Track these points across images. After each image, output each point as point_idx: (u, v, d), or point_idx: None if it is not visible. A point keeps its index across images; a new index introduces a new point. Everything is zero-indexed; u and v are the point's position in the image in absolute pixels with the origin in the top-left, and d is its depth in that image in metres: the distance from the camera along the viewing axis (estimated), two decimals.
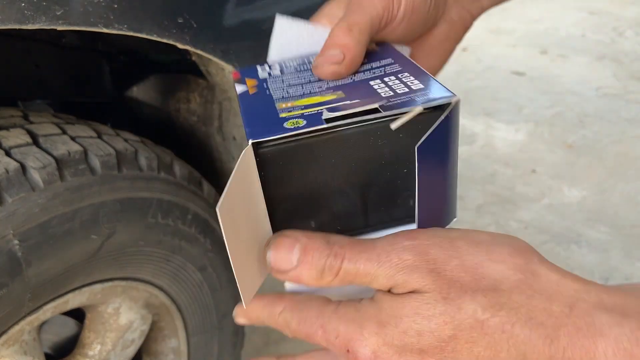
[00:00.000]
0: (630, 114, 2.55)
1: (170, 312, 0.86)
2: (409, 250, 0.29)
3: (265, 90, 0.38)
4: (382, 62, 0.39)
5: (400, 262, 0.29)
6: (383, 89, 0.34)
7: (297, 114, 0.32)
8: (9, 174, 0.58)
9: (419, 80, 0.34)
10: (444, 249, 0.29)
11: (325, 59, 0.38)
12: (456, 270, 0.28)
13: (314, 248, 0.31)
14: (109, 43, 1.00)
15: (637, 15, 3.71)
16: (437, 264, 0.29)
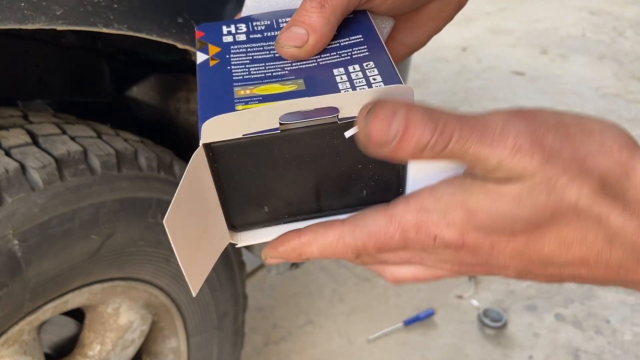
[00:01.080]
0: (630, 114, 2.55)
1: (170, 312, 0.86)
2: (525, 134, 0.28)
3: (226, 62, 0.36)
4: (351, 40, 0.37)
5: (515, 147, 0.27)
6: (344, 83, 0.33)
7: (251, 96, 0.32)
8: (8, 174, 0.58)
9: (382, 74, 0.33)
10: (559, 136, 0.28)
11: (287, 37, 0.35)
12: (568, 160, 0.28)
13: (418, 121, 0.28)
14: (109, 43, 1.00)
15: (637, 15, 3.71)
16: (552, 154, 0.28)
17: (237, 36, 0.38)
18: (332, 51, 0.36)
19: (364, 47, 0.36)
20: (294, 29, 0.35)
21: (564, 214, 0.28)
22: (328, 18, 0.35)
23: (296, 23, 0.35)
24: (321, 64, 0.35)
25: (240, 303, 0.98)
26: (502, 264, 0.31)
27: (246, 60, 0.36)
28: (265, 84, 0.33)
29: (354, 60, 0.35)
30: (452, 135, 0.28)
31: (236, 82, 0.34)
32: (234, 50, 0.37)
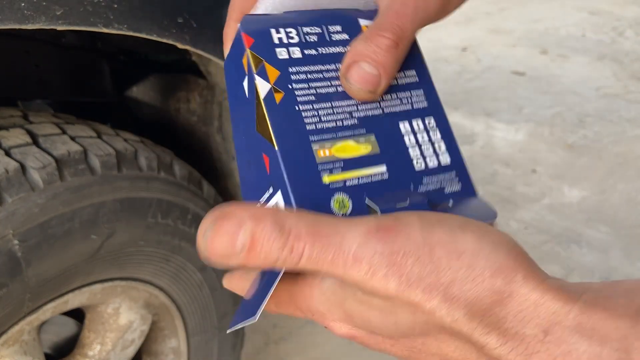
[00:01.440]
0: (630, 114, 2.55)
1: (170, 312, 0.86)
2: (380, 258, 0.26)
3: (292, 97, 0.32)
4: (407, 77, 0.36)
5: (369, 271, 0.26)
6: (415, 151, 0.34)
7: (339, 183, 0.31)
8: (8, 174, 0.58)
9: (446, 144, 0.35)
10: (420, 261, 0.26)
11: (359, 77, 0.32)
12: (429, 287, 0.26)
13: (265, 236, 0.26)
14: (109, 43, 1.00)
15: (637, 15, 3.71)
16: (411, 279, 0.26)
17: (292, 50, 0.34)
18: (392, 92, 0.35)
19: (421, 92, 0.36)
20: (365, 66, 0.32)
21: (437, 332, 0.27)
22: (399, 58, 0.32)
23: (367, 59, 0.32)
24: (386, 113, 0.34)
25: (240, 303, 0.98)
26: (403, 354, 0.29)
27: (311, 96, 0.33)
28: (340, 140, 0.32)
29: (416, 112, 0.35)
30: (302, 254, 0.26)
31: (311, 134, 0.32)
32: (294, 77, 0.33)
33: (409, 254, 0.26)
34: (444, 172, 0.34)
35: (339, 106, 0.33)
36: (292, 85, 0.33)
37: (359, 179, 0.32)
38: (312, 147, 0.31)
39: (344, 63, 0.33)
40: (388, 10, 0.33)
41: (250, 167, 0.34)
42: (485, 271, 0.26)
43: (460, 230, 0.27)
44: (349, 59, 0.32)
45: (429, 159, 0.34)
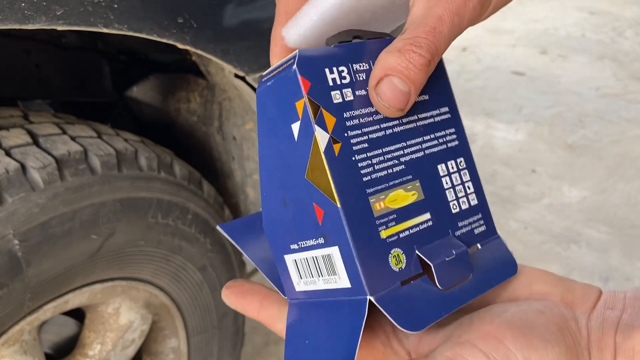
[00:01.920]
0: (630, 114, 2.55)
1: (171, 312, 0.86)
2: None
3: (348, 147, 0.31)
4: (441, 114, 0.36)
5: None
6: (451, 193, 0.35)
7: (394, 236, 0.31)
8: (9, 174, 0.58)
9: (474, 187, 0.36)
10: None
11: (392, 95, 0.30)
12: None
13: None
14: (109, 43, 1.00)
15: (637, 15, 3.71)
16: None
17: (345, 92, 0.32)
18: (431, 131, 0.35)
19: (453, 130, 0.36)
20: (397, 81, 0.30)
21: None
22: (428, 76, 0.31)
23: (400, 75, 0.30)
24: (427, 154, 0.34)
25: None
26: None
27: (365, 144, 0.32)
28: (392, 189, 0.32)
29: (450, 153, 0.36)
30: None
31: (368, 187, 0.31)
32: (349, 122, 0.32)
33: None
34: (472, 214, 0.35)
35: (388, 151, 0.33)
36: (348, 132, 0.31)
37: (409, 229, 0.32)
38: (370, 200, 0.31)
39: (373, 75, 0.31)
40: (424, 24, 0.30)
41: (288, 206, 0.33)
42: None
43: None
44: (380, 71, 0.31)
45: (462, 202, 0.35)
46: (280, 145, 0.33)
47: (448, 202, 0.35)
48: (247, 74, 0.67)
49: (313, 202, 0.31)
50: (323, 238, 0.31)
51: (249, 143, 0.89)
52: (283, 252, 0.34)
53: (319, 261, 0.32)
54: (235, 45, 0.64)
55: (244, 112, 0.87)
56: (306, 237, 0.32)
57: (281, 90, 0.32)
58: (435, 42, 0.30)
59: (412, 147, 0.34)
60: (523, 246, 1.73)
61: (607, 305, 0.32)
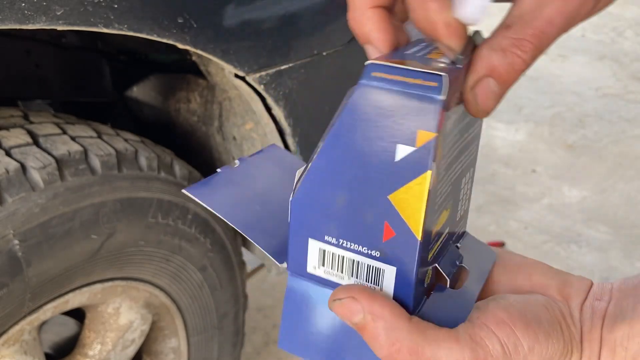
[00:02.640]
0: (630, 114, 2.55)
1: (171, 312, 0.86)
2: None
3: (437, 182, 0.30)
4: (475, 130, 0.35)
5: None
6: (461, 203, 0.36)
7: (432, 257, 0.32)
8: (9, 174, 0.58)
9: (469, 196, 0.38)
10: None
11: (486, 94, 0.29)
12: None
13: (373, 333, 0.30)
14: (109, 43, 1.00)
15: (637, 15, 3.71)
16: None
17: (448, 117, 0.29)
18: (467, 147, 0.34)
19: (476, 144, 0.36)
20: (493, 84, 0.29)
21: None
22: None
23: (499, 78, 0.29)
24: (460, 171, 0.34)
25: (240, 303, 0.98)
26: None
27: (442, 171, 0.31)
28: (441, 212, 0.32)
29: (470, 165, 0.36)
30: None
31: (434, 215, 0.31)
32: (443, 150, 0.30)
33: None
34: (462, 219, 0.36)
35: (448, 175, 0.32)
36: (439, 167, 0.29)
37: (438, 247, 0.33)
38: (433, 229, 0.31)
39: (475, 71, 0.29)
40: (533, 27, 0.28)
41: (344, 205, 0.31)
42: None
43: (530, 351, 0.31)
44: (482, 70, 0.29)
45: (462, 210, 0.36)
46: (366, 150, 0.30)
47: (457, 213, 0.36)
48: (247, 74, 0.67)
49: (385, 221, 0.30)
50: (380, 253, 0.31)
51: (249, 143, 0.90)
52: (309, 235, 0.33)
53: (361, 267, 0.32)
54: (235, 45, 0.64)
55: (244, 112, 0.87)
56: (357, 241, 0.31)
57: (405, 105, 0.28)
58: (540, 47, 0.28)
59: (456, 166, 0.33)
60: (523, 246, 1.73)
61: (596, 297, 0.33)
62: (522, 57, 0.28)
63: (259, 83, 0.69)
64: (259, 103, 0.74)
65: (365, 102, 0.29)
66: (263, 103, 0.74)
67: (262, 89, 0.70)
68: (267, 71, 0.69)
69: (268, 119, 0.77)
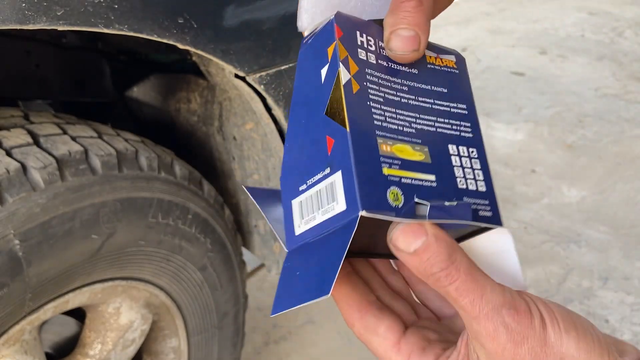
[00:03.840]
0: (629, 114, 2.55)
1: (171, 312, 0.86)
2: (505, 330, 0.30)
3: (365, 93, 0.35)
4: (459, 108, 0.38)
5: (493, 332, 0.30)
6: (459, 170, 0.35)
7: (396, 178, 0.32)
8: (9, 174, 0.58)
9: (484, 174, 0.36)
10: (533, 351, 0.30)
11: (404, 43, 0.34)
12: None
13: (435, 252, 0.30)
14: (109, 43, 1.00)
15: (637, 16, 3.71)
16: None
17: (369, 55, 0.36)
18: (445, 116, 0.37)
19: (468, 125, 0.38)
20: (402, 32, 0.34)
21: None
22: (427, 14, 0.35)
23: (401, 25, 0.34)
24: (439, 131, 0.36)
25: (240, 302, 0.98)
26: None
27: (380, 98, 0.35)
28: (400, 142, 0.34)
29: (462, 140, 0.37)
30: (453, 283, 0.30)
31: (377, 129, 0.34)
32: (368, 77, 0.35)
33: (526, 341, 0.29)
34: (479, 197, 0.36)
35: (401, 114, 0.35)
36: (367, 83, 0.35)
37: (412, 179, 0.33)
38: (377, 139, 0.33)
39: (384, 40, 0.36)
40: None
41: (303, 151, 0.36)
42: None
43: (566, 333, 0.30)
44: (387, 33, 0.35)
45: (470, 183, 0.36)
46: (309, 93, 0.36)
47: (455, 177, 0.35)
48: (247, 74, 0.67)
49: (326, 135, 0.34)
50: (330, 167, 0.33)
51: (249, 143, 0.90)
52: (291, 197, 0.37)
53: (321, 193, 0.34)
54: (236, 46, 0.64)
55: (244, 112, 0.87)
56: (315, 172, 0.34)
57: (317, 42, 0.37)
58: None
59: (424, 120, 0.36)
60: (523, 246, 1.73)
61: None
62: (407, 2, 0.34)
63: (259, 83, 0.69)
64: (259, 103, 0.74)
65: (301, 64, 0.38)
66: (263, 103, 0.74)
67: (263, 89, 0.70)
68: (268, 71, 0.69)
69: (268, 119, 0.77)
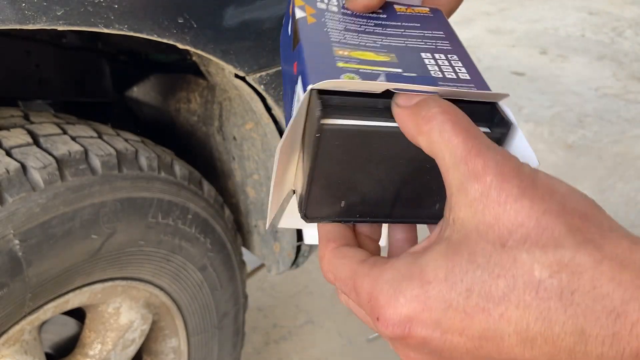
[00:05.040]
0: (629, 114, 2.55)
1: (171, 312, 0.86)
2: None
3: (322, 25, 0.38)
4: (434, 33, 0.38)
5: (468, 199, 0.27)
6: (433, 66, 0.34)
7: (353, 68, 0.33)
8: (9, 174, 0.58)
9: (467, 69, 0.35)
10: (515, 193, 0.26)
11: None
12: (519, 217, 0.25)
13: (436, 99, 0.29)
14: (110, 43, 1.00)
15: (637, 15, 3.71)
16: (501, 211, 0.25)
17: (330, 6, 0.40)
18: (417, 38, 0.37)
19: (447, 42, 0.38)
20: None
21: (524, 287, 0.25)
22: None
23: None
24: (409, 46, 0.36)
25: (240, 302, 0.98)
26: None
27: (340, 27, 0.38)
28: (361, 50, 0.35)
29: (439, 50, 0.36)
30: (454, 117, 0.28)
31: (334, 43, 0.35)
32: (328, 16, 0.39)
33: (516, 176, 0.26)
34: (461, 82, 0.34)
35: (364, 37, 0.37)
36: (325, 19, 0.38)
37: (372, 70, 0.33)
38: (333, 47, 0.35)
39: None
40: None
41: (288, 92, 0.38)
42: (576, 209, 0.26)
43: (557, 179, 0.27)
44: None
45: (447, 72, 0.34)
46: (286, 50, 0.40)
47: (428, 69, 0.34)
48: (247, 74, 0.67)
49: (294, 63, 0.36)
50: (296, 83, 0.35)
51: (249, 143, 0.90)
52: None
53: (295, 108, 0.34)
54: (235, 46, 0.64)
55: (244, 112, 0.87)
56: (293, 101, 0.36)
57: (287, 11, 0.41)
58: None
59: (392, 39, 0.37)
60: None
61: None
62: None
63: (259, 83, 0.69)
64: (259, 103, 0.74)
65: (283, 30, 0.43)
66: (263, 103, 0.74)
67: (262, 89, 0.70)
68: (267, 71, 0.69)
69: (268, 119, 0.77)
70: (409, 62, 0.34)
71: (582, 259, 0.24)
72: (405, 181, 0.34)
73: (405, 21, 0.39)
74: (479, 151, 0.27)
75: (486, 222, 0.26)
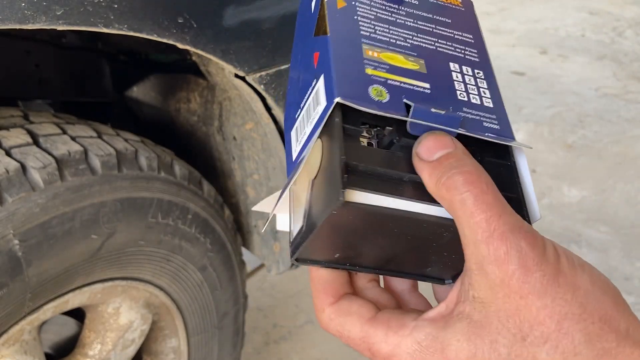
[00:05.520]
0: (630, 114, 2.55)
1: (171, 312, 0.86)
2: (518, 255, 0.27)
3: (353, 10, 0.35)
4: (463, 36, 0.37)
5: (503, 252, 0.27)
6: (459, 84, 0.33)
7: (382, 78, 0.31)
8: (9, 174, 0.58)
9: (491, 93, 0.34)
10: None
11: None
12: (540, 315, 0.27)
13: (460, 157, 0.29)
14: (109, 43, 1.00)
15: (637, 15, 3.71)
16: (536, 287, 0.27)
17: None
18: (448, 40, 0.36)
19: (475, 52, 0.37)
20: None
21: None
22: None
23: None
24: (439, 50, 0.35)
25: (240, 302, 0.98)
26: None
27: (371, 15, 0.35)
28: (391, 52, 0.33)
29: (467, 62, 0.35)
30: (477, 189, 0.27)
31: (364, 38, 0.33)
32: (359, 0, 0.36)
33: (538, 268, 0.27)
34: (484, 111, 0.33)
35: (395, 30, 0.35)
36: (355, 2, 0.35)
37: (401, 82, 0.32)
38: (362, 46, 0.33)
39: None
40: None
41: (299, 82, 0.36)
42: (594, 314, 0.26)
43: (581, 267, 0.28)
44: None
45: (472, 97, 0.33)
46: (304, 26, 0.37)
47: (455, 89, 0.33)
48: (247, 74, 0.67)
49: (314, 52, 0.34)
50: (316, 78, 0.32)
51: (249, 143, 0.90)
52: (290, 129, 0.36)
53: (310, 106, 0.33)
54: (235, 46, 0.64)
55: (244, 112, 0.87)
56: (305, 92, 0.34)
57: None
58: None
59: (422, 39, 0.35)
60: None
61: None
62: None
63: (259, 83, 0.69)
64: (259, 103, 0.74)
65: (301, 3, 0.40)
66: (263, 103, 0.74)
67: (262, 89, 0.70)
68: (267, 71, 0.69)
69: (268, 119, 0.77)
70: (436, 76, 0.33)
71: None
72: (407, 248, 0.33)
73: (437, 14, 0.37)
74: (502, 235, 0.27)
75: (507, 311, 0.27)
